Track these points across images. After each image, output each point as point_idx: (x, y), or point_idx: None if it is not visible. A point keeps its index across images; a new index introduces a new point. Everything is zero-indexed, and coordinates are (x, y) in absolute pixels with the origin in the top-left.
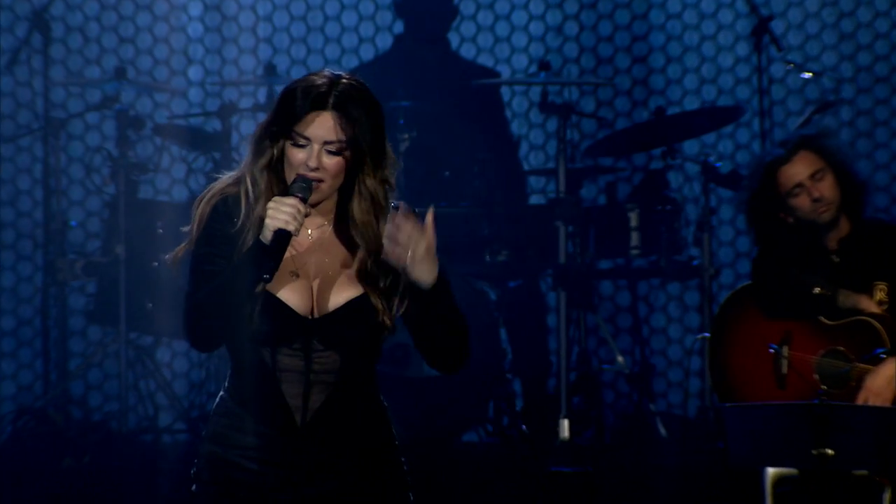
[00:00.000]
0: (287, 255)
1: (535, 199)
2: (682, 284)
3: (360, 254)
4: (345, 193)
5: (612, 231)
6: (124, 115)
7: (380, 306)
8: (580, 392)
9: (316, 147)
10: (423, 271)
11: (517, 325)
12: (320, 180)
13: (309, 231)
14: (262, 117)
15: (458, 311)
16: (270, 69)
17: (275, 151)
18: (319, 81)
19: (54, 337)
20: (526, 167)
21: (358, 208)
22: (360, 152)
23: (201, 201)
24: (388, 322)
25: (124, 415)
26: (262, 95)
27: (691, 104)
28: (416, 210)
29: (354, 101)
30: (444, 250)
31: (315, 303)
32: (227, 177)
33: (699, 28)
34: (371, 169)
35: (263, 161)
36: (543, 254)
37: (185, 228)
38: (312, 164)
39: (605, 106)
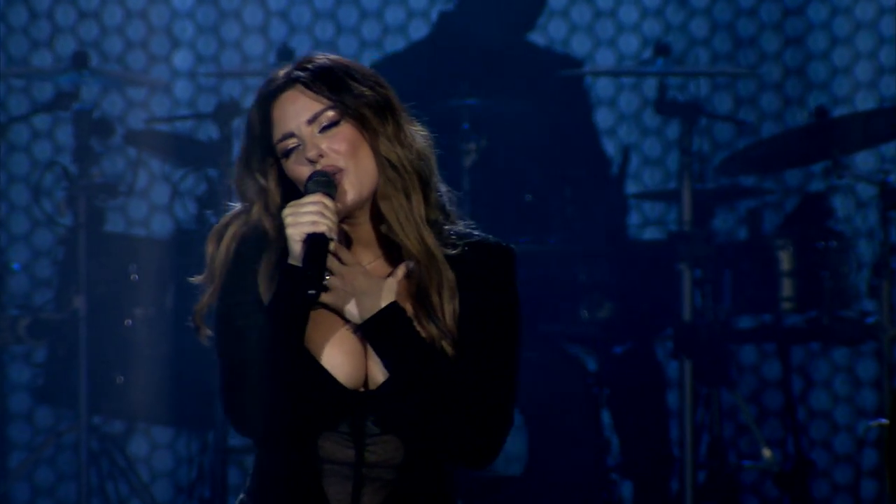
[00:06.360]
0: (331, 305)
1: (649, 233)
2: (851, 350)
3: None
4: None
5: (756, 277)
6: (86, 118)
7: (434, 332)
8: (712, 497)
9: (305, 133)
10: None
11: (625, 405)
12: (337, 169)
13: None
14: None
15: (443, 380)
16: (286, 54)
17: (267, 183)
18: (276, 75)
19: None
20: (637, 189)
21: (384, 188)
22: (360, 116)
23: (218, 237)
24: (448, 349)
25: None
26: None
27: (865, 103)
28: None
29: (322, 65)
30: (524, 302)
31: (369, 370)
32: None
33: None
34: (379, 126)
35: (259, 203)
36: (661, 308)
37: (197, 279)
38: (311, 154)
39: (745, 105)
